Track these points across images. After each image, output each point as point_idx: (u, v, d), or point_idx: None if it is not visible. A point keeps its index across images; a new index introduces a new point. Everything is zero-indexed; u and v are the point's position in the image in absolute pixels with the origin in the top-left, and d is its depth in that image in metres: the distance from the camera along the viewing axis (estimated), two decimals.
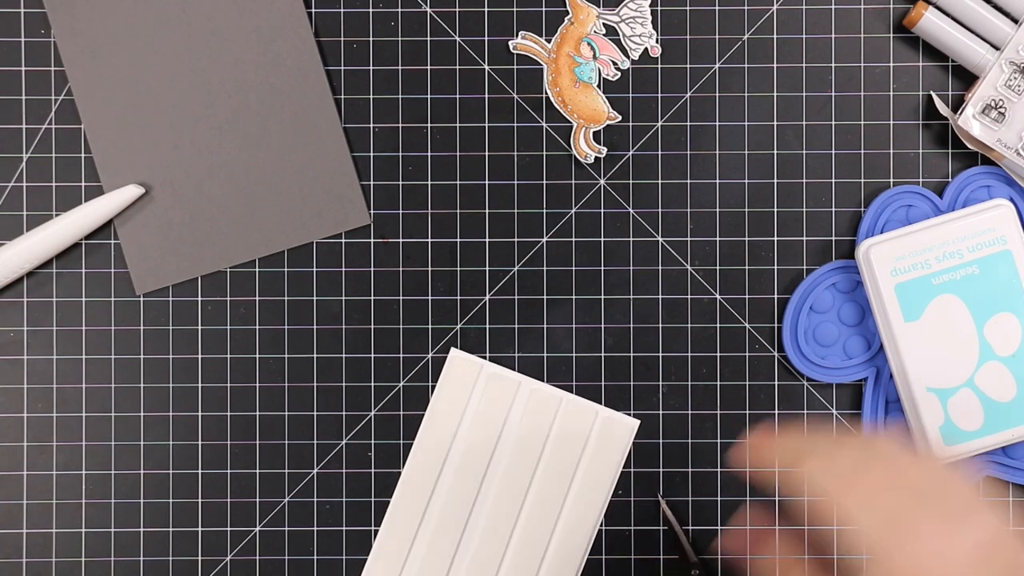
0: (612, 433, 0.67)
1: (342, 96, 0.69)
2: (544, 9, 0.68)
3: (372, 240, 0.68)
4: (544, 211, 0.68)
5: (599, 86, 0.67)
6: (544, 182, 0.68)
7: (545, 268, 0.68)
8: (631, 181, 0.68)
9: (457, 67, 0.68)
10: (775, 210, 0.68)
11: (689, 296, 0.68)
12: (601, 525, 0.68)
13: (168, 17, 0.67)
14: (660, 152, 0.68)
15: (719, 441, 0.68)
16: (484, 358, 0.68)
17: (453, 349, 0.68)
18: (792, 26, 0.68)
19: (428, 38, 0.68)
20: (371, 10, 0.68)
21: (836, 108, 0.68)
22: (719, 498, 0.68)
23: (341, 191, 0.68)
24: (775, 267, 0.68)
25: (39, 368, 0.68)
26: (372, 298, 0.69)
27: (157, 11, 0.67)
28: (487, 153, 0.68)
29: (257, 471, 0.68)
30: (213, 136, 0.67)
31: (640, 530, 0.68)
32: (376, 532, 0.68)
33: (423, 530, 0.67)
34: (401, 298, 0.69)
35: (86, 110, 0.67)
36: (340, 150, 0.68)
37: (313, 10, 0.68)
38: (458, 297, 0.68)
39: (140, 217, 0.67)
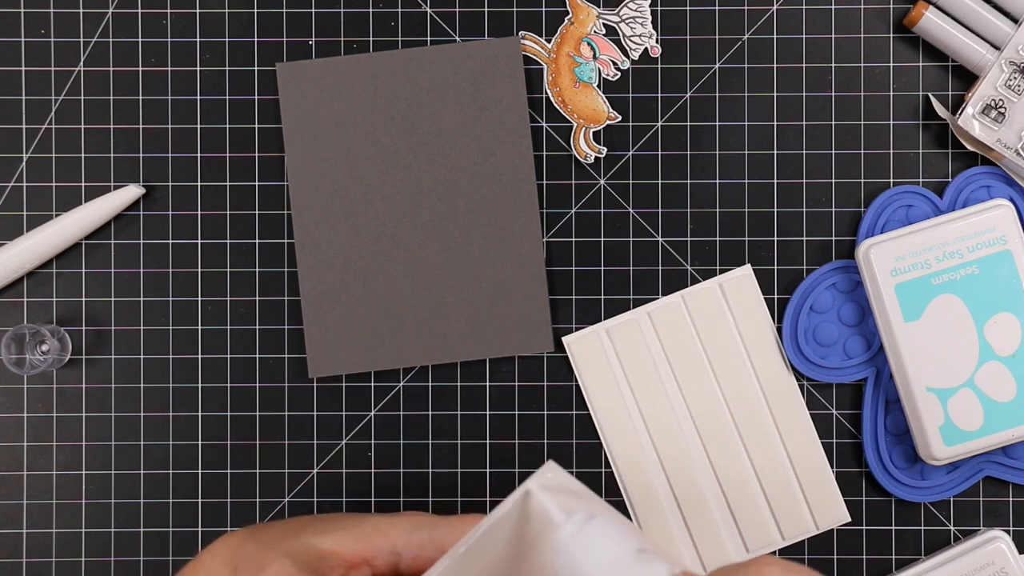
0: (741, 290, 0.67)
1: None
2: (544, 9, 0.68)
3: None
4: (544, 211, 0.68)
5: (599, 86, 0.67)
6: (544, 182, 0.68)
7: (545, 268, 0.67)
8: (631, 181, 0.68)
9: None
10: (775, 210, 0.68)
11: None
12: None
13: (395, 112, 0.66)
14: (660, 152, 0.68)
15: None
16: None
17: (564, 338, 0.67)
18: (792, 26, 0.68)
19: (428, 38, 0.68)
20: (371, 10, 0.68)
21: (836, 108, 0.68)
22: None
23: (530, 314, 0.67)
24: (775, 267, 0.68)
25: None
26: None
27: (385, 104, 0.66)
28: None
29: (257, 471, 0.68)
30: (415, 236, 0.66)
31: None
32: None
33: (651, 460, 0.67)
34: None
35: (295, 190, 0.66)
36: (538, 273, 0.67)
37: (313, 10, 0.68)
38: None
39: (327, 302, 0.66)
